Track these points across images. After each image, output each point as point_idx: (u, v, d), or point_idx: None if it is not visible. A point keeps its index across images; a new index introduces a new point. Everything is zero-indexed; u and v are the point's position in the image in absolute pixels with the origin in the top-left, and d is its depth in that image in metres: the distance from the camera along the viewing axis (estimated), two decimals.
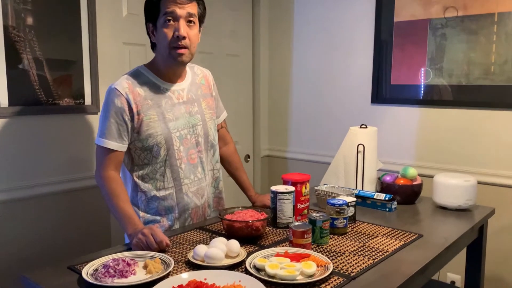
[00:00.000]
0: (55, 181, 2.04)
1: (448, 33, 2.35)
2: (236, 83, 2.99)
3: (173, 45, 1.50)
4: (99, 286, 1.11)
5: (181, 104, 1.62)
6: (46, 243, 2.03)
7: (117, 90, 1.50)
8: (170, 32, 1.50)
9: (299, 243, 1.36)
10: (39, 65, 1.93)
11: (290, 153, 3.09)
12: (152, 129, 1.53)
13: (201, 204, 1.68)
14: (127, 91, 1.51)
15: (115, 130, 1.50)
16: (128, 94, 1.51)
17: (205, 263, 1.24)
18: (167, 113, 1.57)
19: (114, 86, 1.51)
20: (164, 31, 1.50)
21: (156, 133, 1.54)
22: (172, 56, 1.52)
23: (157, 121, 1.55)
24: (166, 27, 1.50)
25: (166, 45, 1.51)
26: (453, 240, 1.51)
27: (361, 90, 2.70)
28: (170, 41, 1.50)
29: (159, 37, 1.52)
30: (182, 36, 1.49)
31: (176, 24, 1.49)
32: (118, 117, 1.50)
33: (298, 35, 2.96)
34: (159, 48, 1.56)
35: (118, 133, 1.50)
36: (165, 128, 1.56)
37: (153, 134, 1.54)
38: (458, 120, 2.37)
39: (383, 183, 1.95)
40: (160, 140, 1.55)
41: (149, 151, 1.55)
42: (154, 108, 1.55)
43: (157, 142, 1.54)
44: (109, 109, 1.50)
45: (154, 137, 1.54)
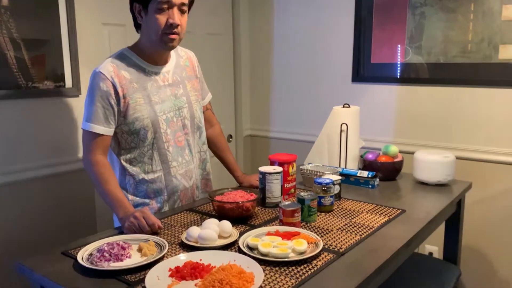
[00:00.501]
0: (37, 166, 2.01)
1: (427, 12, 2.39)
2: (217, 62, 2.97)
3: (166, 32, 1.49)
4: (95, 270, 1.12)
5: (166, 86, 1.62)
6: (31, 228, 2.02)
7: (102, 73, 1.48)
8: (164, 19, 1.48)
9: (289, 221, 1.40)
10: (16, 47, 1.88)
11: (273, 133, 3.11)
12: (138, 113, 1.53)
13: (189, 186, 1.69)
14: (112, 74, 1.49)
15: (101, 114, 1.48)
16: (114, 78, 1.49)
17: (198, 244, 1.27)
18: (153, 96, 1.57)
19: (99, 70, 1.50)
20: (157, 17, 1.48)
21: (143, 116, 1.54)
22: (163, 42, 1.51)
23: (143, 104, 1.54)
24: (159, 13, 1.48)
25: (158, 31, 1.49)
26: (434, 215, 1.57)
27: (342, 69, 2.73)
28: (163, 28, 1.49)
29: (150, 22, 1.50)
30: (176, 24, 1.49)
31: (170, 11, 1.48)
32: (104, 101, 1.48)
33: (279, 13, 2.95)
34: (147, 32, 1.53)
35: (105, 117, 1.49)
36: (151, 111, 1.55)
37: (140, 117, 1.53)
38: (437, 97, 2.43)
39: (366, 160, 2.00)
40: (147, 124, 1.54)
41: (136, 134, 1.55)
42: (140, 91, 1.54)
43: (144, 126, 1.54)
44: (95, 93, 1.48)
45: (140, 120, 1.53)
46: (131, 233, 1.34)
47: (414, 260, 1.95)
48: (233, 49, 3.10)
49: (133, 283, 1.07)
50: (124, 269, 1.12)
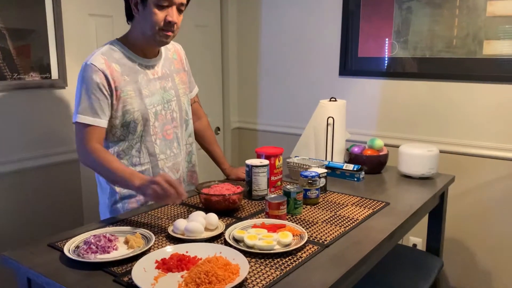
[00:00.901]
0: (23, 158, 2.00)
1: (414, 6, 2.41)
2: (205, 55, 2.97)
3: (162, 28, 1.49)
4: (82, 263, 1.13)
5: (156, 80, 1.62)
6: (16, 220, 2.01)
7: (94, 65, 1.47)
8: (162, 16, 1.48)
9: (275, 214, 1.42)
10: (1, 39, 1.86)
11: (260, 125, 3.13)
12: (129, 105, 1.53)
13: (176, 179, 1.70)
14: (104, 66, 1.49)
15: (96, 106, 1.48)
16: (105, 70, 1.48)
17: (185, 237, 1.28)
18: (143, 89, 1.57)
19: (90, 62, 1.48)
20: (156, 12, 1.47)
21: (133, 109, 1.54)
22: (159, 37, 1.51)
23: (134, 97, 1.54)
24: (159, 9, 1.47)
25: (153, 26, 1.49)
26: (417, 207, 1.60)
27: (329, 63, 2.75)
28: (160, 25, 1.48)
29: (147, 16, 1.48)
30: (173, 23, 1.49)
31: (170, 9, 1.48)
32: (98, 93, 1.47)
33: (267, 6, 2.95)
34: (142, 25, 1.52)
35: (100, 109, 1.48)
36: (141, 104, 1.55)
37: (130, 110, 1.53)
38: (422, 92, 2.46)
39: (352, 154, 2.02)
40: (137, 116, 1.55)
41: (126, 127, 1.55)
42: (131, 84, 1.54)
43: (134, 118, 1.54)
44: (88, 86, 1.47)
45: (131, 113, 1.53)
46: (156, 200, 1.32)
47: (398, 252, 1.99)
48: (221, 41, 3.10)
49: (120, 275, 1.08)
50: (110, 261, 1.13)
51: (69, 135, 2.16)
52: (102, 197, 1.65)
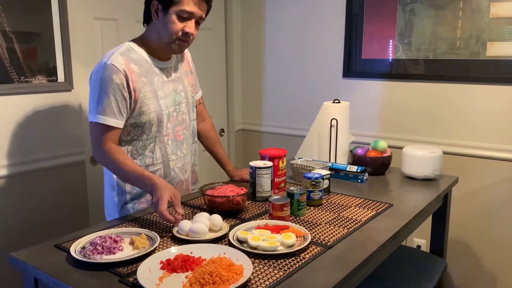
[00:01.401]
0: (29, 160, 2.02)
1: (417, 8, 2.42)
2: (209, 57, 2.99)
3: (179, 38, 1.53)
4: (88, 263, 1.15)
5: (169, 82, 1.65)
6: (23, 221, 2.03)
7: (115, 66, 1.48)
8: (181, 26, 1.51)
9: (278, 215, 1.43)
10: (8, 42, 1.88)
11: (264, 127, 3.14)
12: (145, 106, 1.55)
13: (185, 179, 1.74)
14: (124, 67, 1.50)
15: (114, 107, 1.49)
16: (126, 70, 1.50)
17: (189, 237, 1.29)
18: (158, 91, 1.59)
19: (110, 62, 1.48)
20: (175, 22, 1.50)
21: (149, 110, 1.56)
22: (174, 45, 1.55)
23: (150, 98, 1.56)
24: (180, 20, 1.51)
25: (171, 35, 1.52)
26: (420, 209, 1.61)
27: (333, 64, 2.76)
28: (178, 34, 1.52)
29: (167, 24, 1.51)
30: (190, 34, 1.53)
31: (189, 21, 1.52)
32: (117, 94, 1.48)
33: (271, 8, 2.97)
34: (160, 32, 1.54)
35: (118, 110, 1.50)
36: (157, 106, 1.58)
37: (146, 111, 1.55)
38: (426, 93, 2.46)
39: (355, 155, 2.03)
40: (152, 117, 1.57)
41: (140, 127, 1.57)
42: (148, 85, 1.56)
43: (150, 119, 1.57)
44: (108, 86, 1.48)
45: (147, 114, 1.55)
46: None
47: (402, 253, 2.00)
48: (225, 43, 3.12)
49: (125, 276, 1.10)
50: (116, 261, 1.14)
51: (75, 137, 2.18)
52: (110, 198, 1.66)
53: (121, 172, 1.49)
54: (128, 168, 1.46)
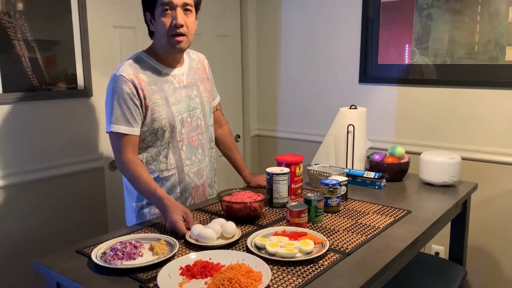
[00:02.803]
0: (50, 166, 2.06)
1: (434, 13, 2.40)
2: (225, 63, 3.01)
3: (172, 33, 1.54)
4: (109, 269, 1.16)
5: (181, 88, 1.67)
6: (43, 227, 2.07)
7: (123, 76, 1.53)
8: (168, 21, 1.53)
9: (296, 222, 1.43)
10: (31, 51, 1.93)
11: (280, 133, 3.14)
12: (157, 113, 1.58)
13: (200, 184, 1.75)
14: (133, 77, 1.54)
15: (128, 115, 1.53)
16: (134, 80, 1.54)
17: (199, 242, 1.30)
18: (169, 97, 1.62)
19: (119, 73, 1.54)
20: (162, 20, 1.53)
21: (161, 117, 1.59)
22: (171, 44, 1.56)
23: (161, 105, 1.59)
24: (163, 16, 1.53)
25: (164, 33, 1.54)
26: (439, 215, 1.60)
27: (348, 70, 2.75)
28: (168, 29, 1.53)
29: (158, 26, 1.55)
30: (179, 25, 1.52)
31: (174, 12, 1.53)
32: (129, 102, 1.53)
33: (286, 14, 2.98)
34: (158, 36, 1.58)
35: (132, 118, 1.54)
36: (169, 112, 1.60)
37: (158, 117, 1.58)
38: (443, 99, 2.44)
39: (372, 161, 2.02)
40: (164, 124, 1.59)
41: (154, 134, 1.60)
42: (158, 92, 1.59)
43: (162, 126, 1.59)
44: (119, 96, 1.53)
45: (159, 120, 1.58)
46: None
47: (421, 260, 1.97)
48: (241, 50, 3.14)
49: (145, 281, 1.11)
50: (136, 267, 1.16)
51: (94, 143, 2.22)
52: (129, 202, 1.70)
53: (136, 185, 1.55)
54: (143, 183, 1.52)
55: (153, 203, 1.53)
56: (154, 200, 1.50)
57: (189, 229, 1.37)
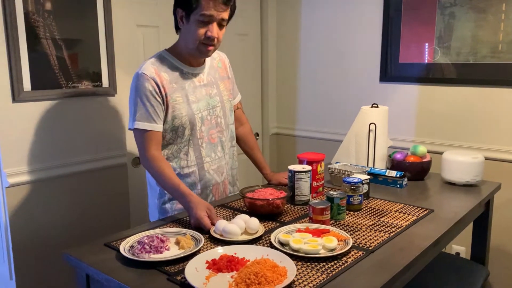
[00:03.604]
0: (75, 162, 2.11)
1: (457, 12, 2.38)
2: (245, 62, 3.03)
3: (203, 42, 1.57)
4: (137, 261, 1.19)
5: (202, 86, 1.69)
6: (68, 221, 2.12)
7: (146, 74, 1.57)
8: (203, 31, 1.56)
9: (319, 219, 1.44)
10: (58, 49, 1.98)
11: (299, 131, 3.15)
12: (177, 111, 1.61)
13: (221, 181, 1.77)
14: (154, 75, 1.58)
15: (151, 112, 1.57)
16: (156, 78, 1.58)
17: (223, 237, 1.33)
18: (190, 96, 1.65)
19: (141, 72, 1.58)
20: (197, 27, 1.55)
21: (181, 114, 1.62)
22: (199, 51, 1.60)
23: (182, 103, 1.62)
24: (200, 25, 1.55)
25: (195, 40, 1.57)
26: (462, 215, 1.59)
27: (369, 68, 2.75)
28: (201, 39, 1.57)
29: (190, 30, 1.57)
30: (213, 38, 1.57)
31: (210, 25, 1.56)
32: (152, 100, 1.57)
33: (306, 13, 2.98)
34: (185, 39, 1.61)
35: (155, 114, 1.58)
36: (189, 110, 1.63)
37: (179, 115, 1.61)
38: (466, 98, 2.42)
39: (394, 160, 2.02)
40: (185, 121, 1.62)
41: (175, 131, 1.63)
42: (179, 90, 1.62)
43: (182, 123, 1.62)
44: (141, 93, 1.57)
45: (179, 118, 1.62)
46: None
47: (442, 260, 1.96)
48: (261, 49, 3.15)
49: (173, 274, 1.14)
50: (164, 260, 1.18)
51: (118, 140, 2.26)
52: (151, 198, 1.73)
53: (160, 181, 1.58)
54: (167, 179, 1.55)
55: (177, 198, 1.55)
56: (178, 196, 1.53)
57: (214, 224, 1.40)
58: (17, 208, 1.93)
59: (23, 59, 1.87)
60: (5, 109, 1.86)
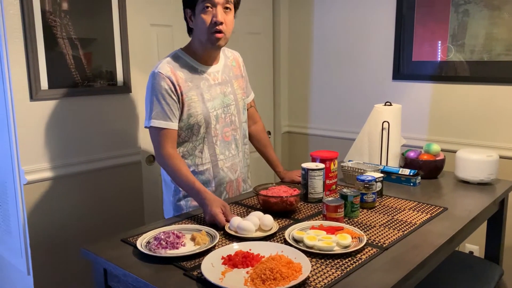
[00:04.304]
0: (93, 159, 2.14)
1: (471, 9, 2.37)
2: (257, 61, 3.04)
3: (211, 30, 1.58)
4: (154, 257, 1.21)
5: (216, 85, 1.71)
6: (86, 217, 2.15)
7: (162, 73, 1.59)
8: (209, 18, 1.57)
9: (332, 216, 1.45)
10: (74, 49, 2.01)
11: (310, 129, 3.15)
12: (193, 109, 1.63)
13: (235, 179, 1.79)
14: (170, 74, 1.60)
15: (167, 110, 1.59)
16: (171, 77, 1.60)
17: (238, 234, 1.34)
18: (205, 94, 1.67)
19: (157, 71, 1.60)
20: (202, 17, 1.57)
21: (197, 113, 1.64)
22: (210, 41, 1.60)
23: (197, 101, 1.64)
24: (204, 13, 1.57)
25: (204, 30, 1.58)
26: (477, 213, 1.58)
27: (382, 66, 2.74)
28: (209, 26, 1.58)
29: (198, 22, 1.60)
30: (219, 22, 1.57)
31: (214, 10, 1.57)
32: (167, 98, 1.59)
33: (319, 11, 2.98)
34: (197, 33, 1.63)
35: (170, 113, 1.60)
36: (204, 108, 1.65)
37: (194, 113, 1.64)
38: (480, 96, 2.40)
39: (407, 158, 2.02)
40: (200, 119, 1.65)
41: (190, 129, 1.66)
42: (194, 89, 1.64)
43: (198, 121, 1.65)
44: (157, 92, 1.59)
45: (195, 116, 1.64)
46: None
47: (456, 258, 1.96)
48: (273, 47, 3.16)
49: (189, 269, 1.15)
50: (180, 256, 1.20)
51: (132, 138, 2.29)
52: (166, 195, 1.76)
53: (175, 179, 1.61)
54: (182, 176, 1.57)
55: (192, 196, 1.58)
56: (193, 193, 1.55)
57: (228, 221, 1.41)
58: (35, 205, 1.97)
59: (41, 58, 1.90)
60: (23, 108, 1.89)
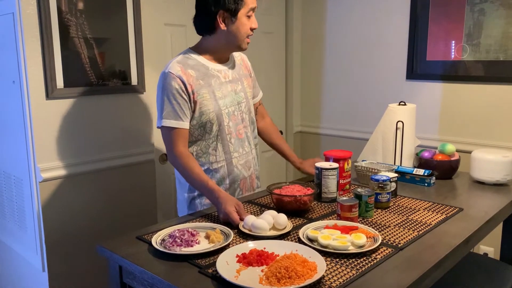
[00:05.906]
0: (106, 158, 2.16)
1: (487, 8, 2.34)
2: (270, 60, 3.04)
3: (248, 35, 1.65)
4: (169, 254, 1.22)
5: (227, 83, 1.72)
6: (98, 215, 2.17)
7: (172, 73, 1.60)
8: (249, 23, 1.64)
9: (347, 216, 1.44)
10: (89, 48, 2.02)
11: (323, 129, 3.15)
12: (205, 107, 1.64)
13: (248, 176, 1.80)
14: (180, 73, 1.61)
15: (178, 110, 1.60)
16: (182, 76, 1.61)
17: (252, 232, 1.34)
18: (216, 92, 1.68)
19: (168, 71, 1.61)
20: (245, 22, 1.63)
21: (209, 110, 1.65)
22: (243, 44, 1.67)
23: (209, 99, 1.65)
24: (248, 18, 1.63)
25: (244, 34, 1.63)
26: (493, 214, 1.56)
27: (396, 66, 2.72)
28: (247, 31, 1.64)
29: (238, 25, 1.62)
30: (256, 28, 1.67)
31: (252, 18, 1.64)
32: (178, 98, 1.60)
33: (332, 10, 2.97)
34: (229, 37, 1.64)
35: (181, 112, 1.61)
36: (216, 106, 1.66)
37: (206, 111, 1.64)
38: (495, 96, 2.38)
39: (422, 158, 2.00)
40: (212, 117, 1.65)
41: (203, 127, 1.66)
42: (205, 87, 1.65)
43: (210, 119, 1.65)
44: (168, 92, 1.60)
45: (207, 114, 1.64)
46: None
47: (471, 260, 1.94)
48: (286, 47, 3.16)
49: (204, 267, 1.16)
50: (195, 253, 1.21)
51: (146, 137, 2.30)
52: (181, 193, 1.77)
53: (188, 178, 1.62)
54: (195, 175, 1.58)
55: (205, 194, 1.58)
56: (206, 192, 1.56)
57: (242, 219, 1.41)
58: (50, 202, 1.99)
59: (56, 57, 1.92)
60: (39, 106, 1.92)
